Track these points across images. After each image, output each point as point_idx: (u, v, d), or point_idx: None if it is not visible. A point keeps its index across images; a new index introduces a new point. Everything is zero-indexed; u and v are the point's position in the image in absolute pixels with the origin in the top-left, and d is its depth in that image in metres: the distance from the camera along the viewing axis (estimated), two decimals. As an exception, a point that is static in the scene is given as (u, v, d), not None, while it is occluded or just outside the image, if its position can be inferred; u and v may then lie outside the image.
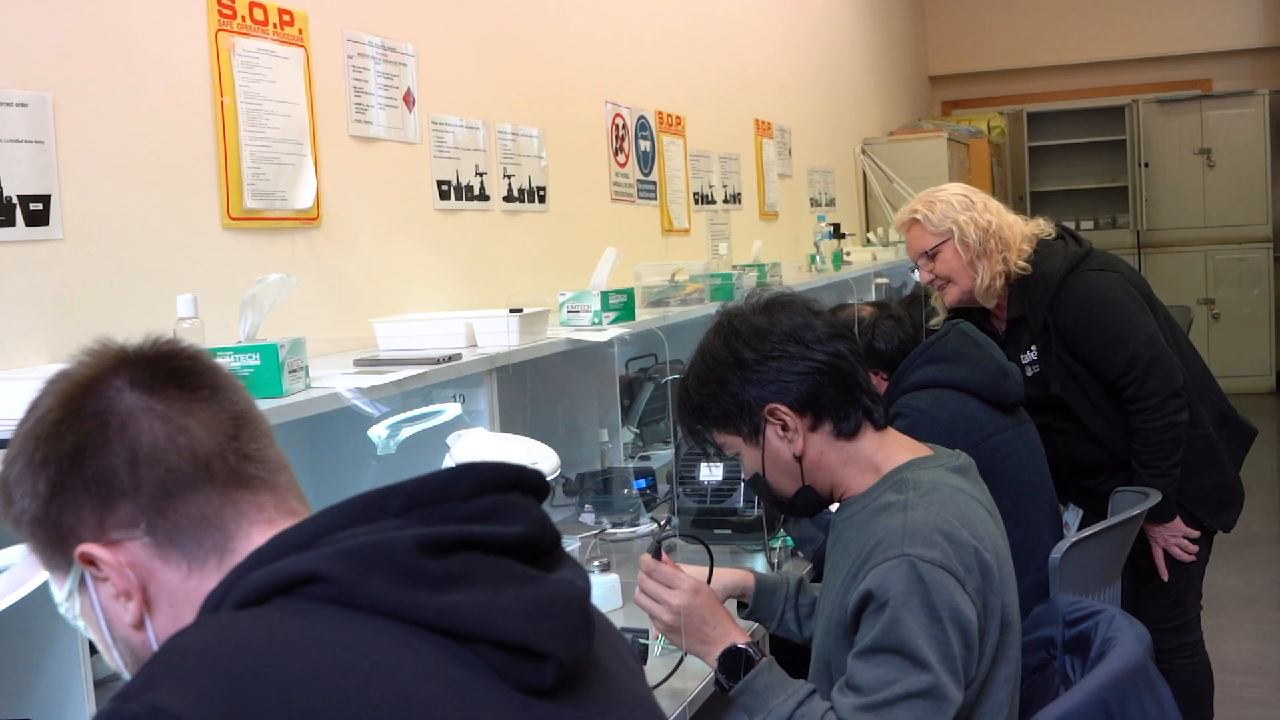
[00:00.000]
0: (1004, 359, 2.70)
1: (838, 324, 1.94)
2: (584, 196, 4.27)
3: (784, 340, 1.88)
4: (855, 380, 1.89)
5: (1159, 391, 2.95)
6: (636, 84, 4.72)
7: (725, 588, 2.25)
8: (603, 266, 3.36)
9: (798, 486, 1.94)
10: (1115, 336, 2.98)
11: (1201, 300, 10.17)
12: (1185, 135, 10.30)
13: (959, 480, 1.85)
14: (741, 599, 2.28)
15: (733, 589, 2.26)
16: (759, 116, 6.17)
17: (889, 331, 2.83)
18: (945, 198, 3.17)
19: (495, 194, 3.69)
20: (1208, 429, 3.09)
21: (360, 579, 0.95)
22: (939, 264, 3.16)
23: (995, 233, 3.09)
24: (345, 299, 3.02)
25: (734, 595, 2.27)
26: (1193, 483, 3.06)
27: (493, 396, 2.68)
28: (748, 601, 2.27)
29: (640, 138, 4.71)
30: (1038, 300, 3.06)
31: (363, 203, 3.11)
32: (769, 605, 2.25)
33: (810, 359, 1.87)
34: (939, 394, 2.61)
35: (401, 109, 3.27)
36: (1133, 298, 3.05)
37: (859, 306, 2.89)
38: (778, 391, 1.87)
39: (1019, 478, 2.62)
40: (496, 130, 3.71)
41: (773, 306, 1.94)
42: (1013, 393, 2.66)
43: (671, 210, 4.96)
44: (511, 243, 3.78)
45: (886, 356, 2.80)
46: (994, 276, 3.10)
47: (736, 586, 2.26)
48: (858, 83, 8.59)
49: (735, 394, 1.90)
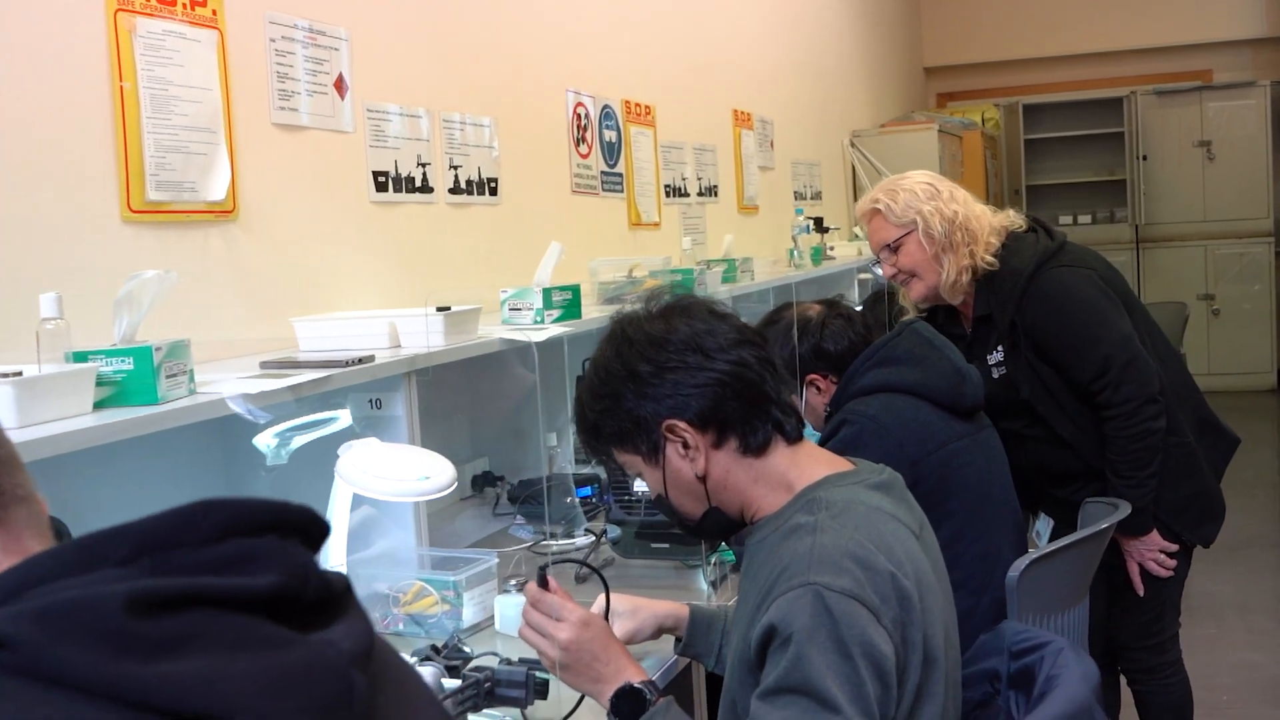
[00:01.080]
0: (961, 361, 2.51)
1: (744, 329, 1.76)
2: (541, 189, 4.08)
3: (682, 349, 1.70)
4: (762, 390, 1.70)
5: (1134, 397, 2.76)
6: (601, 72, 4.54)
7: (656, 619, 2.07)
8: (546, 262, 3.18)
9: (704, 508, 1.76)
10: (1087, 337, 2.79)
11: (1201, 296, 9.98)
12: (1185, 127, 10.10)
13: (879, 498, 1.67)
14: (674, 632, 2.09)
15: (665, 620, 2.07)
16: (738, 107, 5.98)
17: (838, 331, 2.64)
18: (909, 186, 2.97)
19: (440, 186, 3.51)
20: (1187, 437, 2.90)
21: (53, 645, 0.77)
22: (902, 257, 2.97)
23: (962, 224, 2.90)
24: (266, 297, 2.84)
25: (666, 629, 2.09)
26: (1171, 494, 2.87)
27: (410, 401, 2.50)
28: (681, 635, 2.08)
29: (605, 128, 4.53)
30: (1004, 297, 2.87)
31: (287, 194, 2.93)
32: (705, 640, 2.06)
33: (711, 369, 1.68)
34: (890, 399, 2.43)
35: (332, 96, 3.09)
36: (1107, 295, 2.86)
37: (807, 305, 2.70)
38: (676, 406, 1.69)
39: (977, 489, 2.44)
40: (442, 119, 3.53)
41: (670, 312, 1.75)
42: (971, 397, 2.47)
43: (640, 203, 4.77)
44: (458, 237, 3.60)
45: (836, 358, 2.61)
46: (960, 271, 2.90)
47: (669, 618, 2.07)
48: (847, 74, 8.39)
49: (630, 410, 1.72)
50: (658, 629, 2.07)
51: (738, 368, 1.69)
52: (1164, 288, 9.92)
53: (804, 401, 2.64)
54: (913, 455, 2.36)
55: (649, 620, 2.05)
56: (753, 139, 6.15)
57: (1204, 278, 10.09)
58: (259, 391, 2.04)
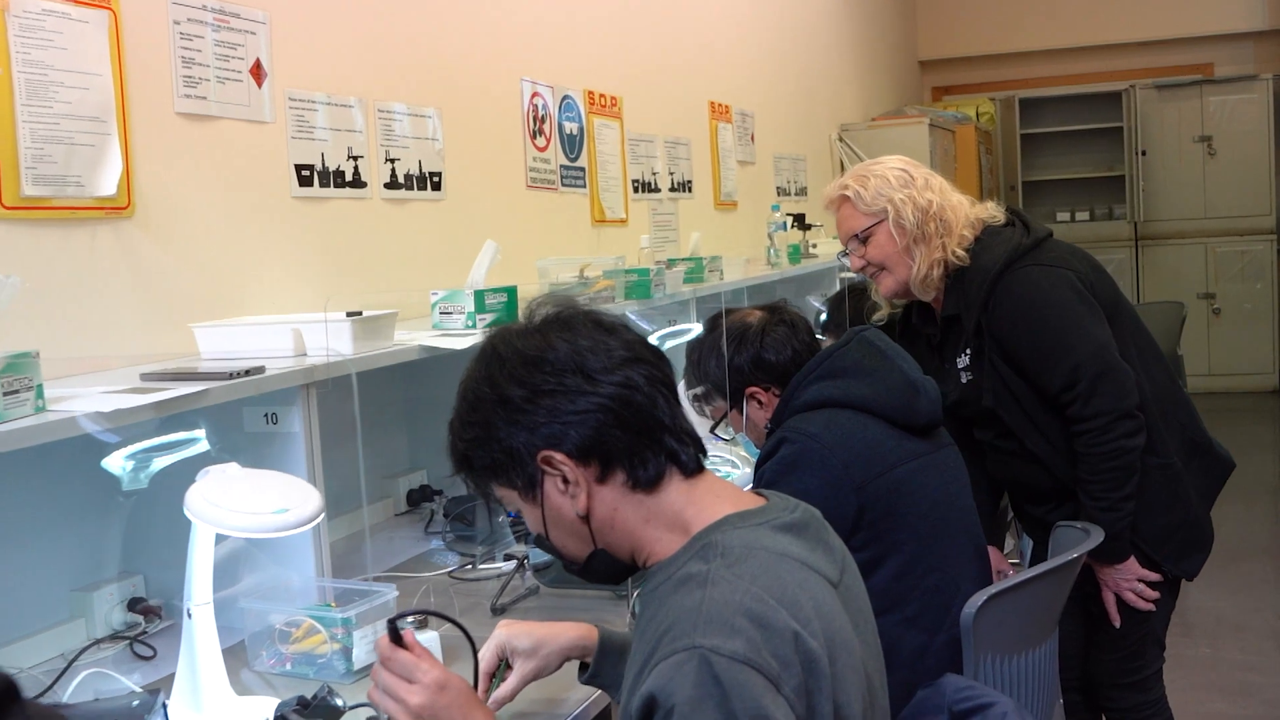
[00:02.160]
0: (916, 372, 2.27)
1: (636, 344, 1.52)
2: (492, 183, 3.86)
3: (560, 370, 1.47)
4: (653, 417, 1.47)
5: (1106, 410, 2.52)
6: (560, 61, 4.31)
7: (562, 651, 1.83)
8: (480, 262, 2.95)
9: (590, 550, 1.53)
10: (1056, 344, 2.55)
11: (1202, 295, 9.74)
12: (1185, 122, 9.87)
13: (788, 542, 1.43)
14: (583, 659, 1.84)
15: (570, 649, 1.82)
16: (715, 99, 5.75)
17: (780, 340, 2.39)
18: (880, 172, 2.73)
19: (374, 180, 3.28)
20: (1170, 459, 2.66)
21: None
22: (871, 249, 2.73)
23: (936, 214, 2.66)
24: (168, 300, 2.62)
25: (572, 656, 1.84)
26: (1150, 521, 2.63)
27: (309, 416, 2.27)
28: (590, 662, 1.83)
29: (565, 119, 4.30)
30: (971, 296, 2.64)
31: (194, 189, 2.70)
32: (614, 670, 1.81)
33: (594, 393, 1.46)
34: (834, 415, 2.19)
35: (248, 83, 2.86)
36: (1083, 299, 2.62)
37: (746, 312, 2.46)
38: (552, 436, 1.46)
39: (932, 514, 2.21)
40: (378, 109, 3.30)
41: (549, 326, 1.52)
42: (925, 412, 2.24)
43: (604, 199, 4.54)
44: (396, 235, 3.38)
45: (778, 369, 2.37)
46: (932, 265, 2.67)
47: (574, 646, 1.82)
48: (836, 66, 8.15)
49: (502, 440, 1.49)
50: (562, 657, 1.83)
51: (624, 390, 1.46)
52: (1164, 286, 9.71)
53: (744, 417, 2.40)
54: (858, 478, 2.13)
55: (553, 655, 1.81)
56: (731, 132, 5.92)
57: (1205, 276, 9.86)
58: (113, 410, 1.81)
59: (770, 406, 2.35)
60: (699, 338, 2.49)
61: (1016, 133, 10.32)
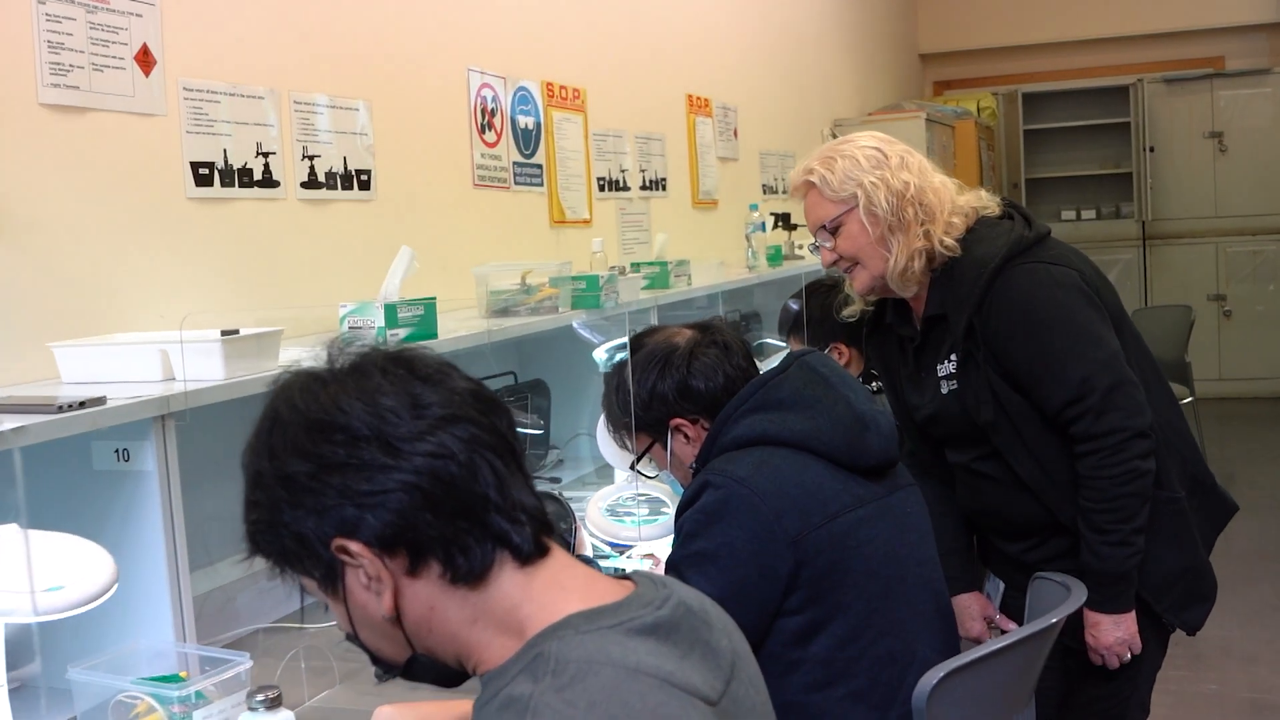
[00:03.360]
0: (865, 404, 1.95)
1: (459, 398, 1.21)
2: (433, 182, 3.55)
3: (354, 439, 1.16)
4: (473, 492, 1.16)
5: (1120, 428, 2.20)
6: (514, 49, 3.99)
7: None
8: (394, 270, 2.64)
9: (407, 653, 1.22)
10: (1063, 351, 2.23)
11: (1212, 296, 9.41)
12: (1195, 117, 9.53)
13: (647, 650, 1.12)
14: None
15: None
16: (693, 92, 5.43)
17: (710, 365, 2.05)
18: (849, 153, 2.38)
19: (289, 179, 2.97)
20: (1177, 492, 2.34)
21: None
22: (842, 240, 2.39)
23: (914, 198, 2.33)
24: (30, 316, 2.31)
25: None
26: (1155, 562, 2.31)
27: (164, 453, 1.96)
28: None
29: (520, 112, 3.98)
30: (963, 293, 2.31)
31: (63, 190, 2.40)
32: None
33: (396, 468, 1.14)
34: (767, 455, 1.88)
35: (133, 71, 2.55)
36: (1094, 304, 2.30)
37: (675, 330, 2.14)
38: (345, 522, 1.15)
39: (884, 569, 1.89)
40: (293, 101, 2.99)
41: (345, 378, 1.21)
42: (876, 450, 1.92)
43: (564, 198, 4.23)
44: (317, 239, 3.07)
45: (707, 398, 2.04)
46: (911, 255, 2.33)
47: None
48: (830, 58, 7.83)
49: (288, 524, 1.18)
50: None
51: (436, 462, 1.15)
52: (1172, 288, 9.40)
53: (669, 452, 2.08)
54: (793, 530, 1.82)
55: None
56: (711, 127, 5.60)
57: (1215, 277, 9.53)
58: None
59: (698, 441, 2.03)
60: (619, 360, 2.17)
61: (1019, 128, 9.99)
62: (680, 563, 1.85)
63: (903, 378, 2.52)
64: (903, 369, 2.51)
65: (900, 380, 2.52)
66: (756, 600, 1.81)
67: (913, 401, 2.49)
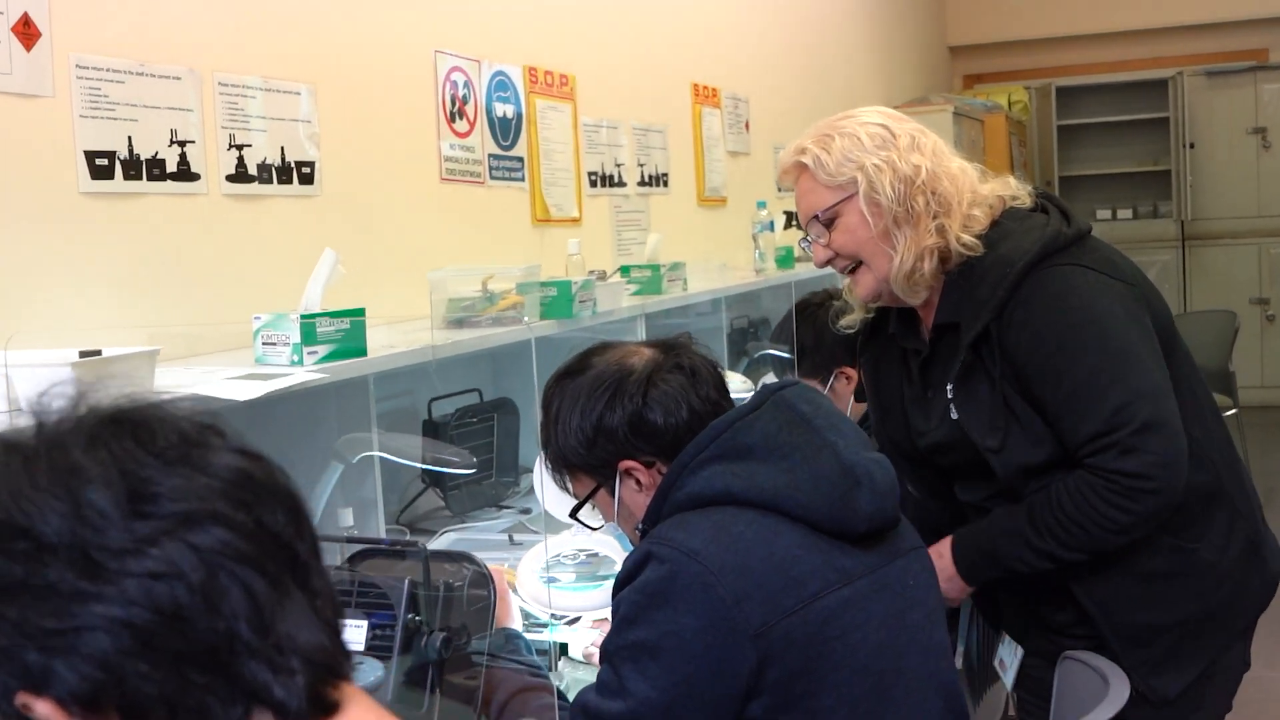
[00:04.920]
0: (856, 451, 1.56)
1: (220, 481, 0.84)
2: (391, 175, 3.17)
3: (41, 551, 0.79)
4: (216, 628, 0.80)
5: (1145, 474, 1.81)
6: (490, 30, 3.61)
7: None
8: (316, 277, 2.27)
9: None
10: (1101, 372, 1.84)
11: (1254, 300, 9.01)
12: (1237, 112, 9.12)
13: None
14: None
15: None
16: (699, 80, 5.03)
17: (673, 395, 1.63)
18: (850, 130, 1.99)
19: (213, 171, 2.61)
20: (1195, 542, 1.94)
21: None
22: (838, 235, 2.01)
23: (926, 185, 1.94)
24: None
25: None
26: (1142, 611, 1.94)
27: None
28: None
29: (497, 100, 3.60)
30: (983, 295, 1.92)
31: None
32: None
33: (101, 595, 0.78)
34: (728, 520, 1.49)
35: (10, 45, 2.19)
36: (1143, 325, 1.91)
37: (631, 350, 1.73)
38: (29, 672, 0.79)
39: (876, 664, 1.51)
40: (219, 83, 2.62)
41: (43, 454, 0.83)
42: (868, 513, 1.53)
43: (549, 194, 3.84)
44: (246, 241, 2.70)
45: (667, 438, 1.62)
46: (921, 254, 1.95)
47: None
48: (852, 49, 7.42)
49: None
50: None
51: (158, 585, 0.78)
52: (1213, 291, 9.01)
53: (616, 501, 1.68)
54: (757, 619, 1.43)
55: None
56: (719, 119, 5.20)
57: (1258, 279, 9.13)
58: None
59: (652, 489, 1.63)
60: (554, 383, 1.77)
61: (1053, 123, 9.59)
62: (614, 655, 1.47)
63: (907, 398, 2.12)
64: (907, 388, 2.12)
65: (902, 401, 2.13)
66: (708, 707, 1.43)
67: (918, 426, 2.10)
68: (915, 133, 2.00)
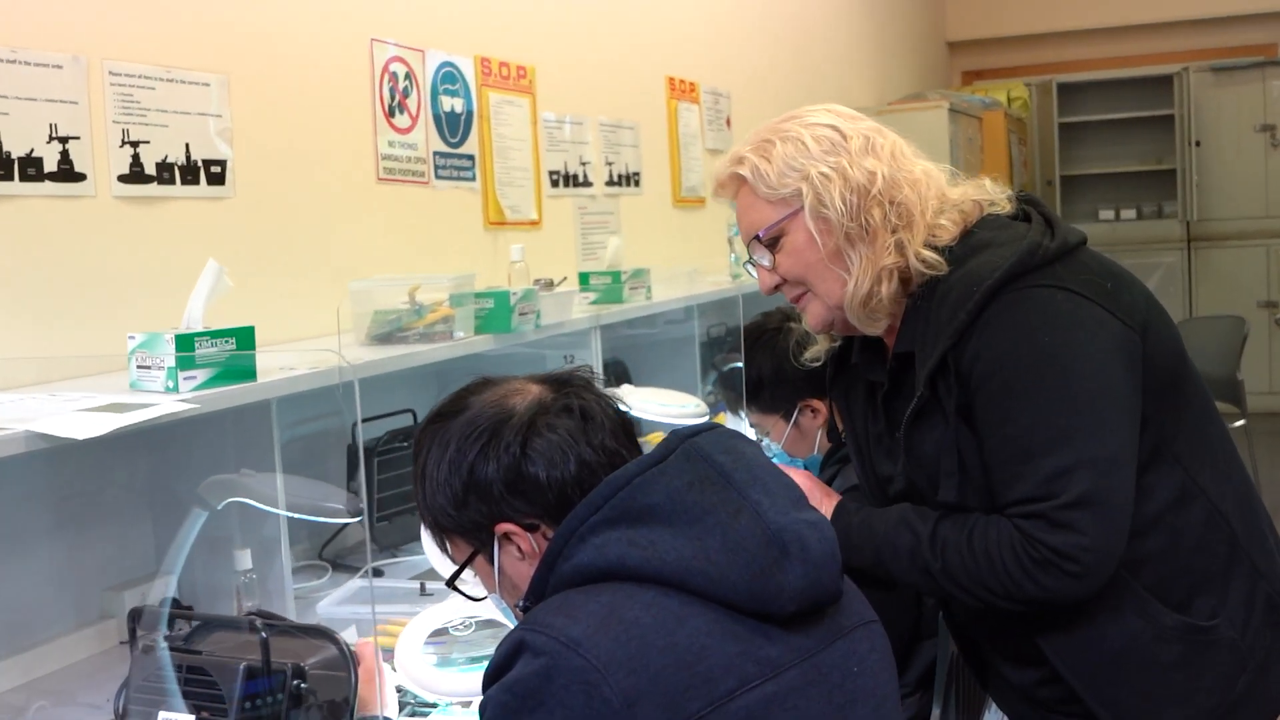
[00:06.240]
0: (784, 512, 1.27)
1: None
2: (318, 175, 2.90)
3: None
4: None
5: (1068, 555, 1.53)
6: (435, 17, 3.34)
7: None
8: (198, 292, 2.00)
9: None
10: (1048, 424, 1.55)
11: (1262, 304, 8.75)
12: (1244, 109, 8.84)
13: None
14: None
15: None
16: (675, 74, 4.76)
17: (559, 444, 1.33)
18: (794, 133, 1.71)
19: (101, 170, 2.34)
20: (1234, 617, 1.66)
21: None
22: (784, 257, 1.73)
23: (883, 194, 1.66)
24: None
25: None
26: (1161, 712, 1.65)
27: None
28: None
29: (444, 93, 3.33)
30: (942, 321, 1.63)
31: None
32: None
33: None
34: (620, 600, 1.21)
35: None
36: (1125, 363, 1.60)
37: (515, 387, 1.42)
38: None
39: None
40: (108, 72, 2.35)
41: None
42: (796, 589, 1.25)
43: (504, 195, 3.57)
44: (140, 248, 2.43)
45: (553, 496, 1.31)
46: (879, 276, 1.67)
47: None
48: (845, 43, 7.15)
49: None
50: None
51: None
52: (1220, 294, 8.77)
53: (496, 570, 1.39)
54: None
55: None
56: (697, 115, 4.92)
57: (1266, 282, 8.85)
58: None
59: (534, 559, 1.35)
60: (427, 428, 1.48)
61: (1054, 121, 9.31)
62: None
63: (871, 437, 1.84)
64: (871, 425, 1.84)
65: (873, 442, 1.85)
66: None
67: (883, 470, 1.82)
68: (870, 133, 1.71)
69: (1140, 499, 1.61)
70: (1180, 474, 1.65)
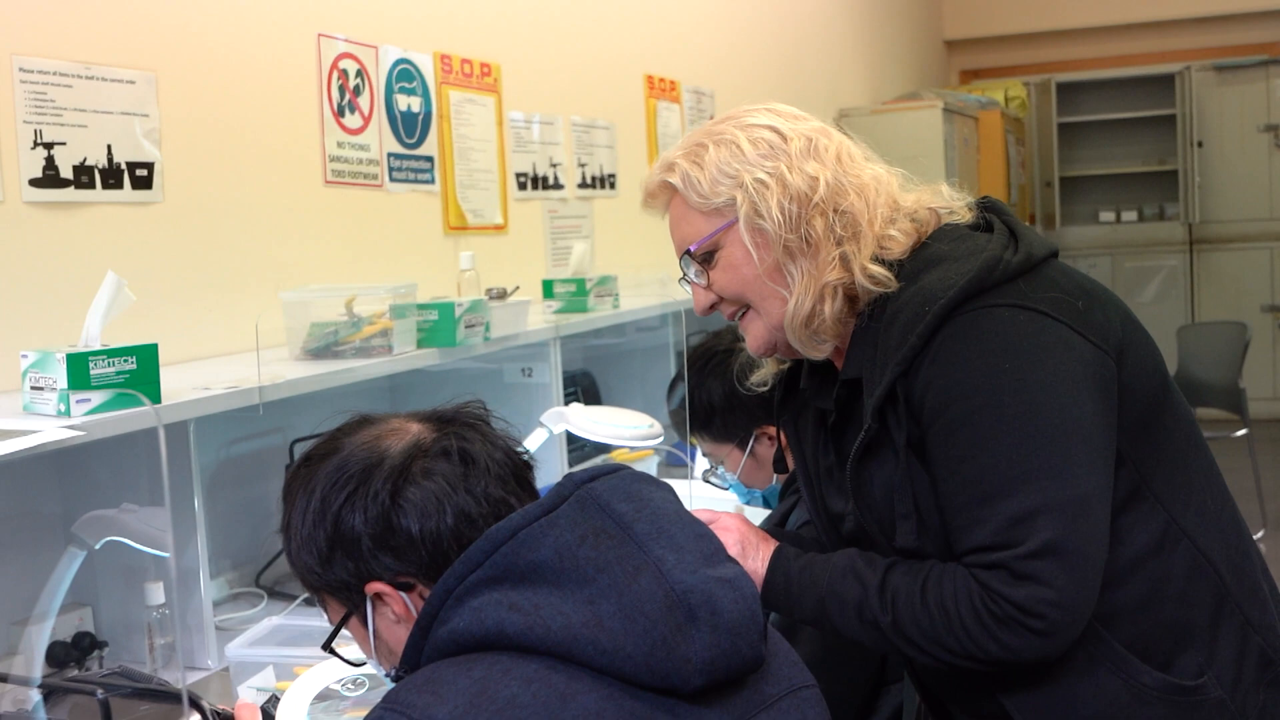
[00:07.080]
0: (692, 570, 1.12)
1: None
2: (260, 177, 2.75)
3: None
4: None
5: (1031, 611, 1.36)
6: (391, 11, 3.19)
7: None
8: (95, 307, 1.84)
9: None
10: (1008, 463, 1.38)
11: (1266, 308, 8.62)
12: (1248, 109, 8.71)
13: None
14: None
15: None
16: (654, 72, 4.60)
17: (434, 493, 1.17)
18: (729, 136, 1.55)
19: (10, 174, 2.18)
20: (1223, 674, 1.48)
21: None
22: (718, 273, 1.56)
23: (826, 201, 1.51)
24: None
25: None
26: (1066, 688, 1.48)
27: None
28: None
29: (399, 91, 3.17)
30: (891, 345, 1.47)
31: None
32: None
33: None
34: (495, 677, 1.04)
35: None
36: (1094, 392, 1.42)
37: (394, 426, 1.25)
38: None
39: None
40: (18, 69, 2.20)
41: None
42: (704, 661, 1.09)
43: (466, 198, 3.42)
44: (54, 258, 2.27)
45: (428, 552, 1.13)
46: (821, 293, 1.51)
47: None
48: (837, 41, 6.99)
49: None
50: None
51: None
52: (1222, 297, 8.65)
53: (370, 634, 1.23)
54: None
55: None
56: (678, 114, 4.77)
57: (1270, 285, 8.71)
58: None
59: (409, 621, 1.19)
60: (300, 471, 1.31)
61: (1053, 121, 9.17)
62: None
63: (821, 470, 1.68)
64: (821, 457, 1.68)
65: (820, 477, 1.69)
66: None
67: (835, 508, 1.66)
68: (814, 134, 1.55)
69: (1116, 544, 1.44)
70: (1161, 515, 1.48)
